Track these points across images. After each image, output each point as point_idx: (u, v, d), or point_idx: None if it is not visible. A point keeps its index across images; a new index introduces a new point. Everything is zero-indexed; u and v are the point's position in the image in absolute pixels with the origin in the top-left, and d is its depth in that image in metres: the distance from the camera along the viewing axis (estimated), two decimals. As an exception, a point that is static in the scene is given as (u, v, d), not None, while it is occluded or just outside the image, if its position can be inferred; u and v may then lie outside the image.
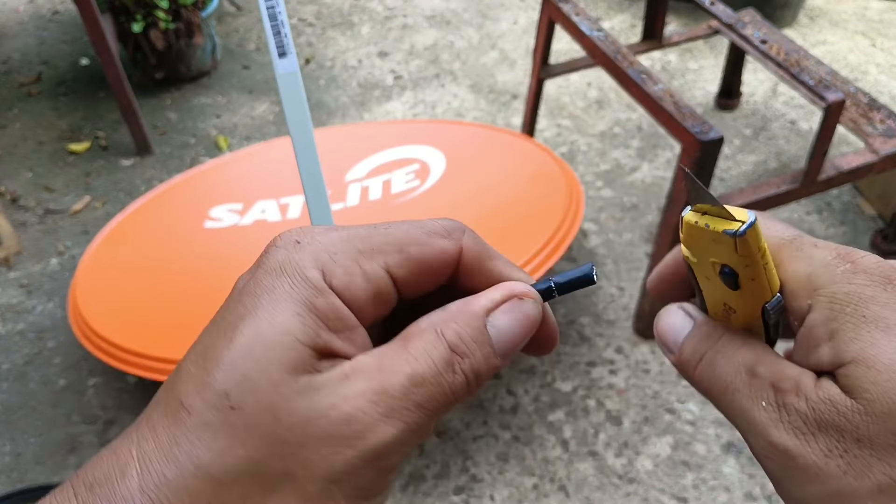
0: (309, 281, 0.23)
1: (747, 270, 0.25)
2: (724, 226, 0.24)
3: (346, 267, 0.24)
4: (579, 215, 1.41)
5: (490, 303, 0.25)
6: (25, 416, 1.45)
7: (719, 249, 0.25)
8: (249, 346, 0.22)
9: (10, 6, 2.74)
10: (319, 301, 0.23)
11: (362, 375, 0.22)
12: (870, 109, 1.47)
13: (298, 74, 0.75)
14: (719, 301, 0.27)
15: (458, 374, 0.24)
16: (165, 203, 1.66)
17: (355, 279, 0.24)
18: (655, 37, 1.76)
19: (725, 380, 0.26)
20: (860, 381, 0.23)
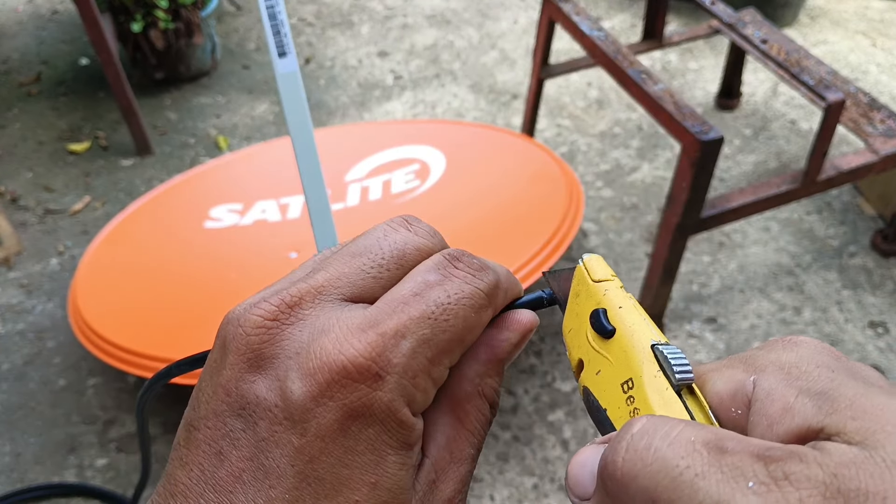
0: (404, 424, 0.22)
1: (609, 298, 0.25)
2: None
3: (424, 387, 0.23)
4: (579, 215, 1.41)
5: (515, 349, 0.27)
6: (25, 416, 1.45)
7: (583, 304, 0.26)
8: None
9: (9, 6, 2.74)
10: (412, 436, 0.23)
11: (444, 478, 0.24)
12: (870, 109, 1.47)
13: (298, 74, 0.75)
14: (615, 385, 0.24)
15: (492, 420, 0.26)
16: (165, 203, 1.66)
17: (430, 394, 0.24)
18: (656, 36, 1.76)
19: (676, 466, 0.18)
20: (866, 431, 0.18)
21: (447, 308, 0.23)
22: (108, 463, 1.36)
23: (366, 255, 0.25)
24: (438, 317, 0.23)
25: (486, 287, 0.25)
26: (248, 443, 0.22)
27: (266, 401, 0.22)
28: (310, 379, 0.21)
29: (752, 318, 1.54)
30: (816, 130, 1.27)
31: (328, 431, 0.21)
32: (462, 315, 0.24)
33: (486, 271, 0.25)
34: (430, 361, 0.23)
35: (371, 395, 0.21)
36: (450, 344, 0.23)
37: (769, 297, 1.59)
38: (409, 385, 0.22)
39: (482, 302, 0.25)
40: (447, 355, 0.24)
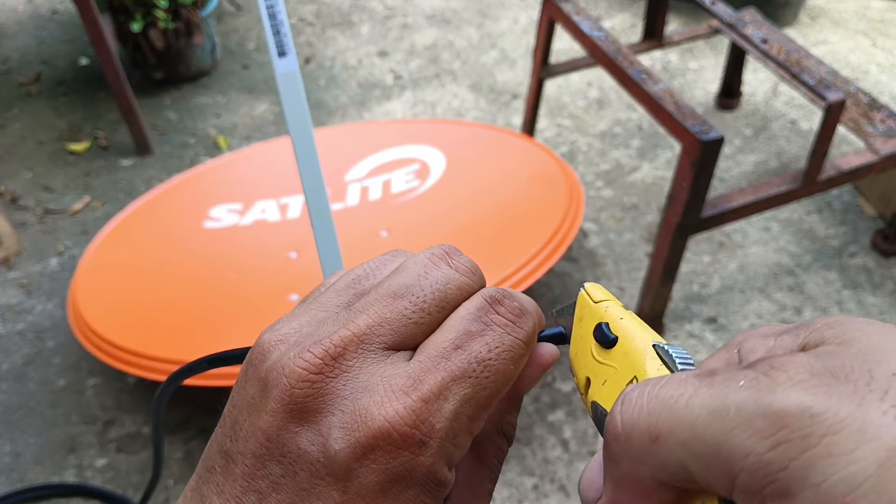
0: (442, 483, 0.23)
1: (610, 312, 0.26)
2: None
3: (463, 445, 0.23)
4: (579, 215, 1.41)
5: (533, 383, 0.27)
6: (25, 417, 1.44)
7: (586, 324, 0.27)
8: None
9: (9, 6, 2.74)
10: (447, 490, 0.23)
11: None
12: (870, 109, 1.47)
13: (298, 74, 0.75)
14: (621, 389, 0.25)
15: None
16: (165, 203, 1.66)
17: (467, 447, 0.24)
18: (656, 36, 1.76)
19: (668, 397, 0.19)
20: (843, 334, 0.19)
21: (488, 365, 0.23)
22: (107, 463, 1.36)
23: (407, 297, 0.24)
24: (479, 374, 0.23)
25: (525, 336, 0.25)
26: (290, 489, 0.22)
27: (308, 454, 0.22)
28: (353, 440, 0.21)
29: (752, 318, 1.54)
30: (817, 130, 1.27)
31: (369, 491, 0.22)
32: (503, 370, 0.24)
33: (525, 317, 0.25)
34: (471, 419, 0.23)
35: (413, 461, 0.22)
36: (490, 400, 0.23)
37: (769, 297, 1.59)
38: (450, 447, 0.22)
39: (521, 352, 0.24)
40: (487, 410, 0.24)
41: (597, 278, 1.64)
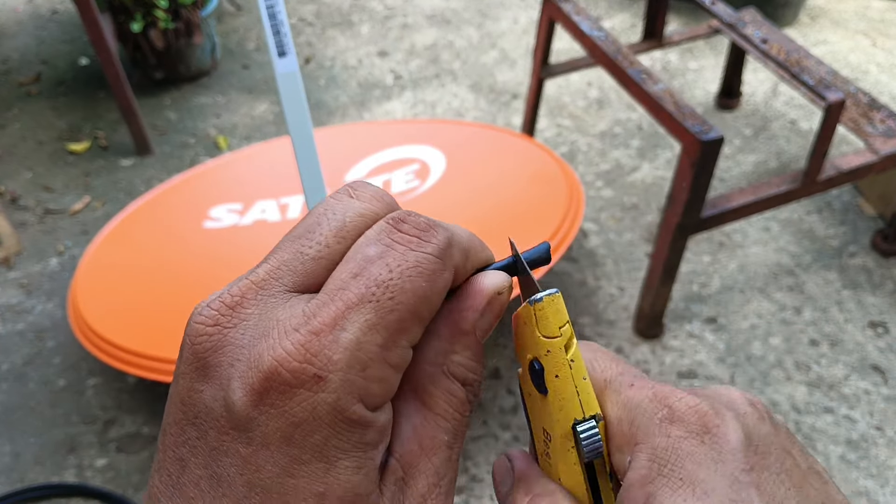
0: (356, 422, 0.20)
1: (549, 360, 0.24)
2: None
3: (379, 376, 0.21)
4: (579, 215, 1.41)
5: (477, 314, 0.24)
6: (25, 417, 1.44)
7: (528, 336, 0.24)
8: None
9: (9, 6, 2.74)
10: (369, 435, 0.21)
11: (415, 473, 0.22)
12: (870, 109, 1.47)
13: (298, 74, 0.75)
14: (539, 425, 0.25)
15: (473, 401, 0.24)
16: (165, 203, 1.66)
17: (390, 382, 0.21)
18: (656, 36, 1.76)
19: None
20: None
21: (390, 285, 0.21)
22: (107, 463, 1.36)
23: (306, 235, 0.23)
24: (381, 297, 0.21)
25: (435, 249, 0.22)
26: (203, 451, 0.21)
27: (213, 410, 0.21)
28: (248, 387, 0.20)
29: (752, 318, 1.54)
30: (816, 130, 1.27)
31: (272, 440, 0.20)
32: (410, 288, 0.21)
33: (433, 231, 0.22)
34: (383, 347, 0.21)
35: (313, 399, 0.20)
36: (402, 323, 0.21)
37: (769, 297, 1.59)
38: (358, 379, 0.20)
39: (433, 267, 0.22)
40: (403, 335, 0.21)
41: (597, 278, 1.64)
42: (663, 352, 1.49)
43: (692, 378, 1.44)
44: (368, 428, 0.21)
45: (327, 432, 0.20)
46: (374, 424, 0.21)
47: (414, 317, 0.21)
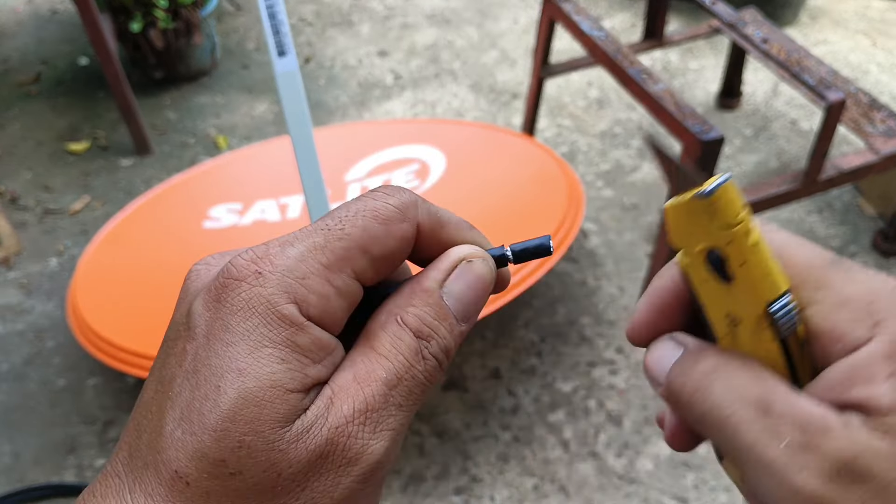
0: (286, 319, 0.22)
1: (733, 249, 0.23)
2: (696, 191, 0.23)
3: (318, 290, 0.22)
4: (579, 215, 1.41)
5: (441, 274, 0.25)
6: (24, 417, 1.44)
7: (700, 229, 0.23)
8: (239, 408, 0.21)
9: (8, 6, 2.74)
10: (301, 338, 0.22)
11: (344, 396, 0.22)
12: (870, 109, 1.47)
13: (298, 73, 0.75)
14: (721, 310, 0.24)
15: (429, 359, 0.24)
16: (165, 203, 1.65)
17: (330, 300, 0.23)
18: (656, 36, 1.76)
19: (726, 411, 0.22)
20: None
21: (344, 219, 0.23)
22: (107, 463, 1.36)
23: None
24: (333, 227, 0.23)
25: (395, 201, 0.24)
26: (158, 362, 0.23)
27: (178, 323, 0.23)
28: (207, 293, 0.23)
29: (752, 319, 1.54)
30: (817, 130, 1.27)
31: (212, 329, 0.22)
32: (361, 224, 0.23)
33: (400, 190, 0.25)
34: (326, 267, 0.23)
35: (251, 290, 0.22)
36: (348, 251, 0.23)
37: (770, 297, 1.59)
38: (295, 283, 0.22)
39: (389, 214, 0.24)
40: (347, 262, 0.23)
41: (597, 278, 1.64)
42: (663, 352, 1.48)
43: (692, 378, 1.44)
44: (300, 331, 0.22)
45: (258, 321, 0.22)
46: (307, 330, 0.22)
47: (360, 249, 0.23)
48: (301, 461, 0.21)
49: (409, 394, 0.23)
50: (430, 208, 0.25)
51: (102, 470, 0.23)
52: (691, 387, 0.23)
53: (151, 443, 0.22)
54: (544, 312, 1.58)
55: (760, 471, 0.22)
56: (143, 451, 0.22)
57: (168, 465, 0.21)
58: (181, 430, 0.21)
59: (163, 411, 0.22)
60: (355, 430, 0.22)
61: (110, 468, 0.23)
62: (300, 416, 0.22)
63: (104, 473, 0.23)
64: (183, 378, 0.22)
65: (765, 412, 0.22)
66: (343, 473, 0.22)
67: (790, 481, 0.21)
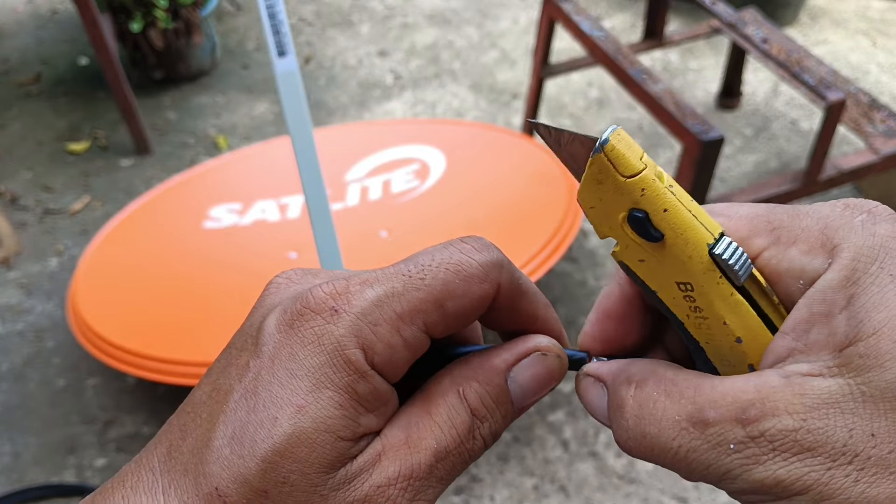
0: (352, 364, 0.22)
1: (648, 197, 0.22)
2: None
3: (388, 340, 0.22)
4: (579, 215, 1.41)
5: (513, 357, 0.25)
6: (24, 417, 1.44)
7: (611, 192, 0.22)
8: (291, 445, 0.21)
9: (9, 6, 2.74)
10: (361, 387, 0.22)
11: (393, 456, 0.23)
12: (871, 109, 1.47)
13: (298, 73, 0.75)
14: (669, 283, 0.23)
15: (478, 439, 0.24)
16: (165, 203, 1.65)
17: (396, 352, 0.22)
18: (656, 36, 1.76)
19: (670, 448, 0.22)
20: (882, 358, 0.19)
21: (426, 268, 0.23)
22: (107, 463, 1.36)
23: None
24: (413, 275, 0.23)
25: (481, 258, 0.23)
26: (218, 368, 0.24)
27: (247, 333, 0.24)
28: (283, 313, 0.23)
29: (752, 319, 1.54)
30: (817, 130, 1.27)
31: (279, 353, 0.22)
32: (442, 277, 0.23)
33: (488, 248, 0.24)
34: (399, 316, 0.22)
35: (324, 327, 0.22)
36: (423, 304, 0.23)
37: (770, 297, 1.59)
38: (366, 328, 0.22)
39: (472, 271, 0.23)
40: (420, 315, 0.23)
41: (597, 278, 1.64)
42: (663, 352, 1.48)
43: (692, 378, 1.44)
44: (363, 378, 0.22)
45: (324, 359, 0.22)
46: (369, 379, 0.22)
47: (436, 302, 0.23)
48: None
49: (452, 468, 0.23)
50: (514, 274, 0.25)
51: (136, 459, 0.23)
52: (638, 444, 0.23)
53: (196, 451, 0.22)
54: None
55: (723, 481, 0.21)
56: (185, 456, 0.22)
57: (209, 480, 0.21)
58: (230, 449, 0.21)
59: (214, 422, 0.22)
60: (395, 493, 0.22)
61: (145, 461, 0.23)
62: (346, 464, 0.22)
63: (137, 464, 0.23)
64: (241, 395, 0.22)
65: (703, 425, 0.21)
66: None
67: (749, 480, 0.20)
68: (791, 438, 0.20)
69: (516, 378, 0.24)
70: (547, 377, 0.25)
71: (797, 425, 0.20)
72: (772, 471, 0.20)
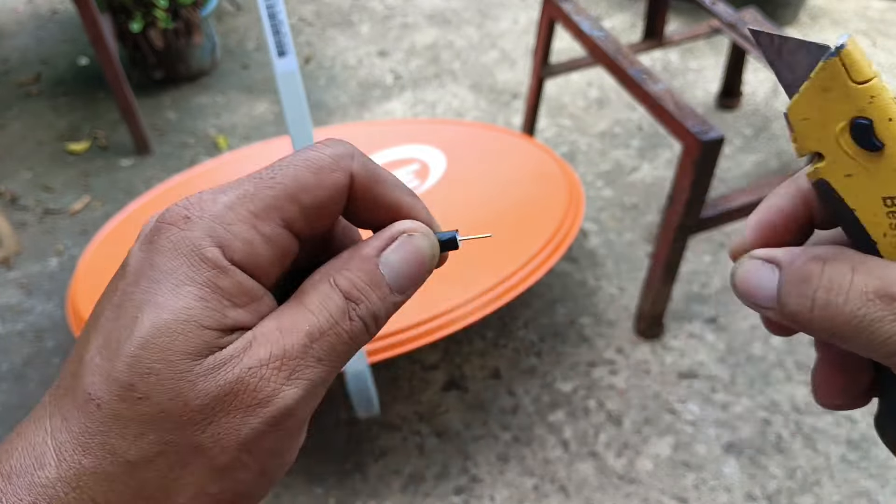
0: (209, 261, 0.23)
1: (877, 105, 0.22)
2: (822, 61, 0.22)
3: (245, 236, 0.23)
4: (579, 215, 1.41)
5: (381, 242, 0.25)
6: (25, 417, 1.44)
7: (837, 99, 0.22)
8: (152, 337, 0.22)
9: (9, 6, 2.74)
10: (223, 281, 0.23)
11: (263, 341, 0.23)
12: (871, 109, 1.47)
13: (298, 73, 0.75)
14: (875, 199, 0.23)
15: (355, 320, 0.24)
16: (165, 203, 1.65)
17: (256, 247, 0.23)
18: (656, 36, 1.76)
19: (855, 316, 0.23)
20: None
21: (276, 168, 0.24)
22: (107, 463, 1.36)
23: None
24: (265, 176, 0.24)
25: (330, 151, 0.25)
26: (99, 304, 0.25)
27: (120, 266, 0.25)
28: (143, 234, 0.24)
29: (752, 319, 1.54)
30: (817, 130, 1.27)
31: (141, 268, 0.23)
32: (292, 173, 0.24)
33: (339, 143, 0.25)
34: (253, 214, 0.23)
35: (179, 234, 0.23)
36: (276, 200, 0.24)
37: (770, 297, 1.59)
38: (219, 228, 0.23)
39: (322, 163, 0.24)
40: (276, 211, 0.24)
41: (597, 278, 1.64)
42: (664, 352, 1.48)
43: (693, 378, 1.44)
44: (223, 273, 0.23)
45: (182, 261, 0.23)
46: (229, 273, 0.23)
47: (289, 197, 0.24)
48: (209, 394, 0.22)
49: (330, 349, 0.24)
50: (368, 164, 0.26)
51: None
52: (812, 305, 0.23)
53: (73, 371, 0.23)
54: (544, 312, 1.58)
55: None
56: (66, 380, 0.23)
57: (84, 389, 0.22)
58: (99, 356, 0.22)
59: (87, 342, 0.23)
60: (269, 373, 0.23)
61: (42, 400, 0.24)
62: (215, 352, 0.22)
63: (36, 406, 0.24)
64: (109, 311, 0.23)
65: (891, 299, 0.22)
66: (251, 414, 0.22)
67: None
68: None
69: (388, 262, 0.25)
70: (417, 256, 0.25)
71: None
72: None
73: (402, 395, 1.44)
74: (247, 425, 0.22)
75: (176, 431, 0.22)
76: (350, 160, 0.25)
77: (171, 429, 0.22)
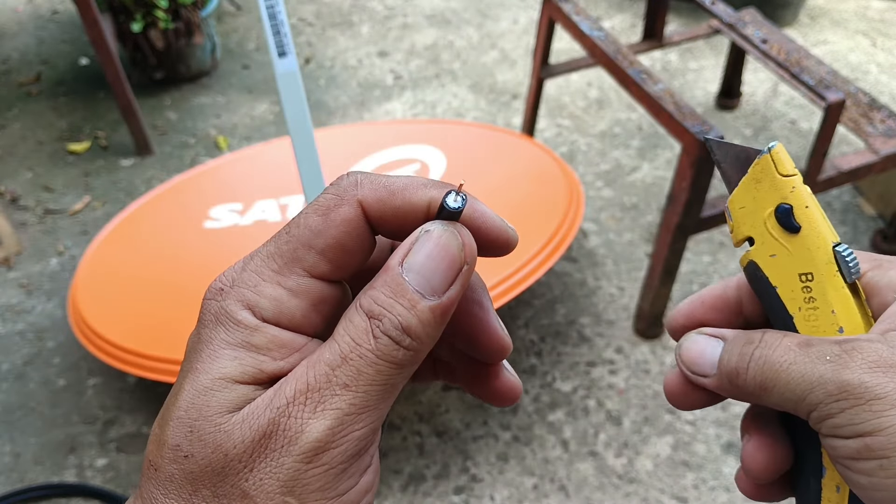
0: (241, 323, 0.24)
1: (797, 195, 0.27)
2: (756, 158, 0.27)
3: (271, 294, 0.24)
4: (579, 215, 1.41)
5: (402, 251, 0.24)
6: (25, 417, 1.44)
7: (765, 189, 0.27)
8: (191, 399, 0.24)
9: (9, 6, 2.74)
10: (256, 338, 0.24)
11: (291, 379, 0.24)
12: (870, 109, 1.47)
13: (298, 74, 0.75)
14: (792, 277, 0.27)
15: (380, 337, 0.23)
16: (165, 203, 1.66)
17: (284, 302, 0.24)
18: (656, 36, 1.76)
19: (778, 362, 0.26)
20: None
21: (291, 223, 0.25)
22: (107, 463, 1.36)
23: None
24: (282, 233, 0.25)
25: (334, 190, 0.25)
26: None
27: None
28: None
29: (752, 318, 1.54)
30: (817, 130, 1.27)
31: (192, 343, 0.25)
32: (303, 223, 0.25)
33: (343, 177, 0.25)
34: (277, 272, 0.24)
35: (215, 305, 0.25)
36: (294, 252, 0.25)
37: (769, 297, 1.59)
38: (248, 292, 0.24)
39: (328, 203, 0.25)
40: (296, 263, 0.25)
41: (597, 278, 1.64)
42: (663, 352, 1.49)
43: (692, 378, 1.44)
44: (255, 332, 0.24)
45: (220, 329, 0.24)
46: (262, 330, 0.24)
47: (304, 246, 0.25)
48: (245, 441, 0.23)
49: (356, 373, 0.23)
50: (376, 181, 0.25)
51: None
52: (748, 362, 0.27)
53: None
54: (544, 312, 1.58)
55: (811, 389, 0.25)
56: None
57: (146, 458, 0.24)
58: (157, 426, 0.24)
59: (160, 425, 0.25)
60: (295, 409, 0.23)
61: None
62: (251, 402, 0.24)
63: None
64: (172, 389, 0.25)
65: (808, 346, 0.26)
66: (285, 453, 0.23)
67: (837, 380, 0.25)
68: (877, 353, 0.25)
69: (411, 266, 0.24)
70: (439, 250, 0.24)
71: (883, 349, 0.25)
72: (857, 374, 0.24)
73: (401, 394, 1.44)
74: (283, 466, 0.23)
75: (223, 483, 0.23)
76: (354, 188, 0.25)
77: (218, 482, 0.23)
